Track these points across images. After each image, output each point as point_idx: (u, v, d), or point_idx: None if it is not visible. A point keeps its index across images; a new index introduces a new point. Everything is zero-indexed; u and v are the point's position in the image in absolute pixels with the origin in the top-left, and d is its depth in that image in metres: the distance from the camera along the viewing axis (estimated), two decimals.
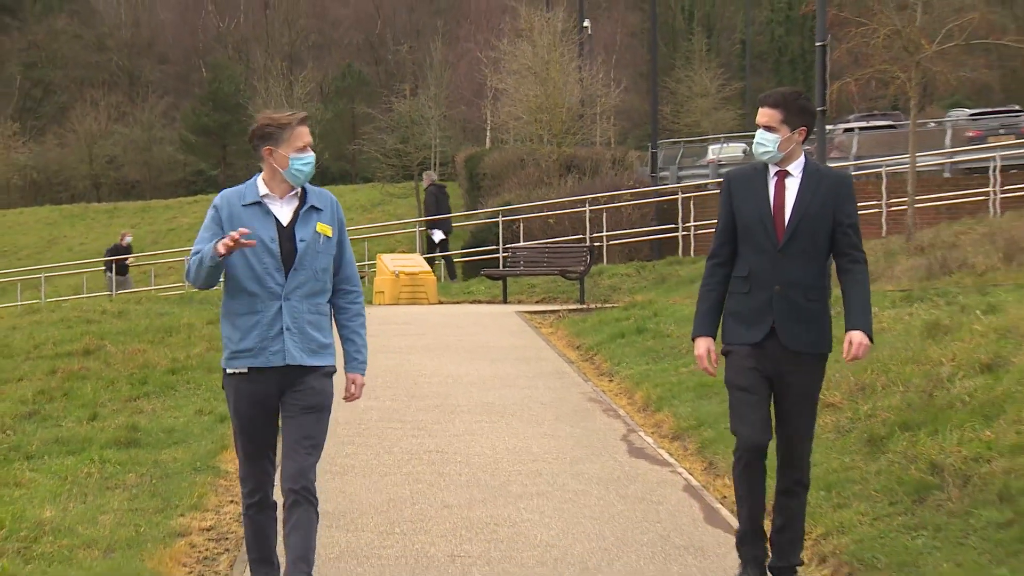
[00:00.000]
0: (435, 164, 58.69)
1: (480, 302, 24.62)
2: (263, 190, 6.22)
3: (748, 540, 6.63)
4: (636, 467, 9.67)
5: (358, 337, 6.41)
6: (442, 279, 29.16)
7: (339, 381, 6.43)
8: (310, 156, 6.20)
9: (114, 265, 35.31)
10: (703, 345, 6.65)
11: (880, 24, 31.35)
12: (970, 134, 41.03)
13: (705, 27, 74.01)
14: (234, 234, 5.92)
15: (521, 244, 29.81)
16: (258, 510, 6.35)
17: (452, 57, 60.65)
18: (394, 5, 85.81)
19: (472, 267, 32.33)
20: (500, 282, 25.26)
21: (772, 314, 6.46)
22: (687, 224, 31.10)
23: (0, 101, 75.37)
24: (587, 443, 10.49)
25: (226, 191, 6.32)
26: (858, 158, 36.49)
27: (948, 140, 40.15)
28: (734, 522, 8.14)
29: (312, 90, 64.82)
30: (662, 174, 38.55)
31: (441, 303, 24.28)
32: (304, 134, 6.19)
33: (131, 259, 36.19)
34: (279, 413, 6.28)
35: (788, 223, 6.47)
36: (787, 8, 70.80)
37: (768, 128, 6.52)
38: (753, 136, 6.73)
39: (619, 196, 32.60)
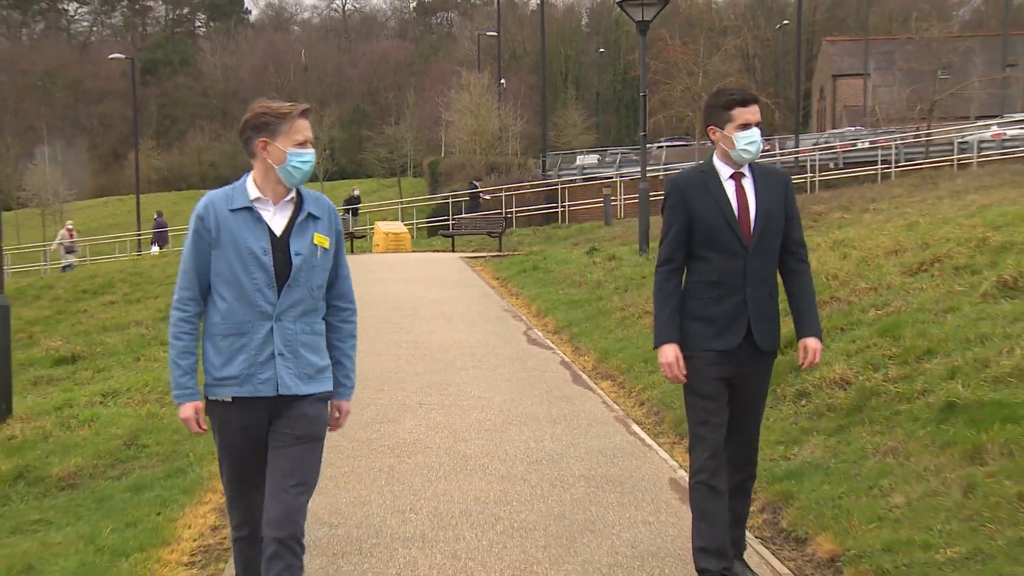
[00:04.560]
0: (410, 167, 58.16)
1: (438, 251, 24.49)
2: (254, 192, 3.41)
3: (716, 557, 3.96)
4: (532, 350, 9.70)
5: (348, 360, 3.57)
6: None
7: None
8: (310, 153, 3.38)
9: (350, 211, 35.30)
10: (671, 352, 3.99)
11: (677, 83, 31.51)
12: None
13: (575, 84, 73.68)
14: (199, 430, 3.44)
15: (462, 215, 29.82)
16: (248, 543, 3.57)
17: (420, 101, 59.68)
18: (384, 70, 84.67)
19: (432, 229, 32.27)
20: (450, 239, 25.26)
21: (747, 317, 3.99)
22: (564, 204, 31.32)
23: (144, 127, 73.62)
24: (502, 336, 10.52)
25: (212, 193, 3.52)
26: (666, 164, 36.69)
27: None
28: (592, 383, 8.21)
29: (334, 121, 63.67)
30: (549, 173, 38.42)
31: (414, 252, 24.16)
32: (305, 127, 3.38)
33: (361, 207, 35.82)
34: None
35: (755, 224, 3.99)
36: (624, 73, 70.65)
37: (758, 125, 4.00)
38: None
39: (523, 186, 32.68)
